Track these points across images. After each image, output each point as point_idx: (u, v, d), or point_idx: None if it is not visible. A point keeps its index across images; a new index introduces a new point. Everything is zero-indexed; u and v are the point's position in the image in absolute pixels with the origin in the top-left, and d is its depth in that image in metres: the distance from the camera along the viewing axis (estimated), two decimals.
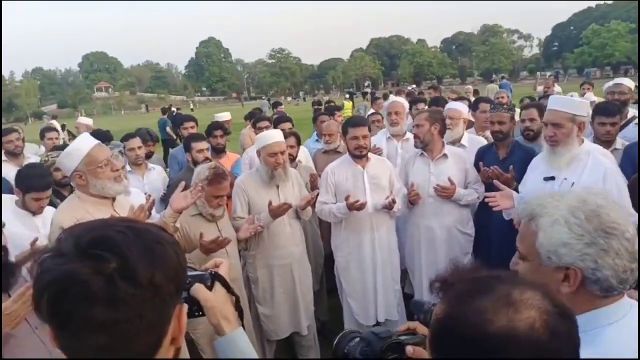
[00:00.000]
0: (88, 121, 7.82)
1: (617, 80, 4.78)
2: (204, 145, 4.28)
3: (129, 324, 0.75)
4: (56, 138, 6.12)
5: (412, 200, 3.66)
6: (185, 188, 2.85)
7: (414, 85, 45.52)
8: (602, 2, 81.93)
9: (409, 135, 4.43)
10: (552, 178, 2.83)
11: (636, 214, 2.68)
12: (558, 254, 1.14)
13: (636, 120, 4.03)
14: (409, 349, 1.13)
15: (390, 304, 3.72)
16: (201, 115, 9.82)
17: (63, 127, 13.39)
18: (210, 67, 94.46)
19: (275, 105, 12.27)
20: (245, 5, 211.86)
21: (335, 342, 1.24)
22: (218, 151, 4.81)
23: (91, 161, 2.50)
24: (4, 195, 3.13)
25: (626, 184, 2.73)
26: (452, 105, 4.61)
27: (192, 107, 51.48)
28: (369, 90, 36.10)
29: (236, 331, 1.15)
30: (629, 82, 4.65)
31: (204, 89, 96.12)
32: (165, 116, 14.74)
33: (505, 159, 3.60)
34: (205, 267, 1.18)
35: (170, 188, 3.90)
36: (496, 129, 3.70)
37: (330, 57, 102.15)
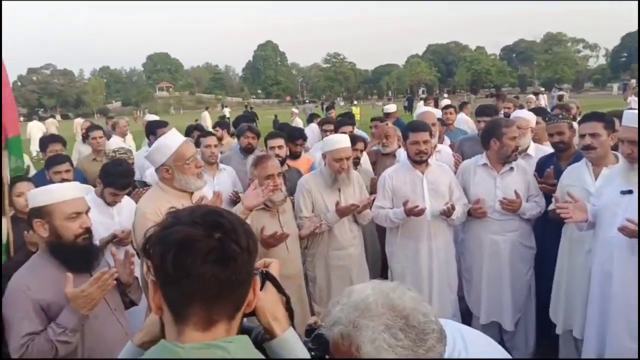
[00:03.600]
0: (155, 118, 8.15)
1: None
2: (278, 142, 4.39)
3: (235, 277, 0.94)
4: (100, 137, 5.73)
5: (478, 216, 3.59)
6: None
7: (471, 95, 44.45)
8: None
9: (440, 147, 4.43)
10: (630, 192, 2.72)
11: None
12: None
13: None
14: None
15: (446, 314, 3.66)
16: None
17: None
18: (267, 70, 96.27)
19: (328, 108, 12.31)
20: (303, 9, 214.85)
21: None
22: (294, 157, 4.85)
23: (179, 157, 2.64)
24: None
25: None
26: (519, 113, 4.47)
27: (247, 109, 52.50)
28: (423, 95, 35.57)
29: (287, 332, 1.16)
30: None
31: (260, 91, 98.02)
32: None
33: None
34: (256, 267, 1.20)
35: None
36: (557, 140, 3.65)
37: (385, 63, 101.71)
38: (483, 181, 3.66)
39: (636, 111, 2.86)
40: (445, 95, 41.05)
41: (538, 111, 5.08)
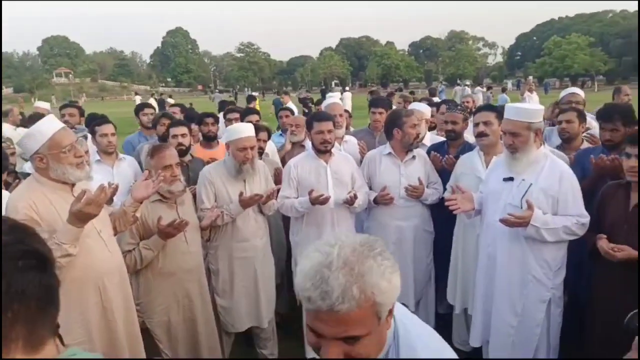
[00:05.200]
0: (45, 105, 7.53)
1: (571, 89, 5.03)
2: (181, 130, 4.16)
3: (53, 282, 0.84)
4: None
5: (386, 202, 3.70)
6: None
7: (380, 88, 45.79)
8: (564, 15, 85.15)
9: (348, 138, 4.55)
10: (511, 179, 2.93)
11: (588, 216, 2.80)
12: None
13: (590, 130, 4.18)
14: None
15: None
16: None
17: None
18: (177, 58, 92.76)
19: (250, 100, 12.06)
20: None
21: (625, 321, 1.42)
22: (209, 139, 4.69)
23: (54, 145, 2.41)
24: None
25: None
26: (415, 105, 4.73)
27: (155, 97, 50.21)
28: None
29: None
30: (581, 93, 4.87)
31: (169, 79, 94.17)
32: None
33: (456, 158, 3.72)
34: None
35: None
36: (449, 128, 3.88)
37: (300, 55, 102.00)
38: (388, 169, 3.78)
39: (517, 105, 3.09)
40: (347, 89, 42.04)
41: (447, 102, 5.33)
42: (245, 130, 3.50)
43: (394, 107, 5.54)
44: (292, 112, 6.37)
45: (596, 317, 2.81)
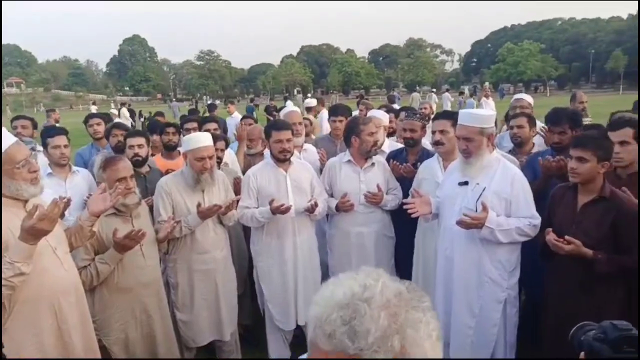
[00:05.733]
0: None
1: (517, 96, 5.31)
2: (138, 141, 4.07)
3: None
4: None
5: (346, 209, 3.72)
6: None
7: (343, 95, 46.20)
8: (516, 23, 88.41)
9: (307, 146, 4.57)
10: (466, 183, 3.01)
11: (539, 217, 2.90)
12: None
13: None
14: None
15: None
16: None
17: None
18: (134, 66, 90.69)
19: (211, 108, 11.87)
20: (173, 4, 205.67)
21: (571, 334, 1.30)
22: (170, 149, 4.59)
23: (8, 160, 2.30)
24: None
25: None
26: (373, 113, 4.79)
27: (113, 107, 49.01)
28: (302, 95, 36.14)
29: None
30: (529, 98, 5.14)
31: (127, 88, 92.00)
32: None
33: (414, 165, 3.80)
34: None
35: None
36: (408, 136, 3.93)
37: (261, 62, 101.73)
38: (348, 177, 3.81)
39: (470, 110, 3.19)
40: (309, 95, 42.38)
41: (406, 109, 5.43)
42: (202, 139, 3.45)
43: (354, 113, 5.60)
44: (255, 121, 6.37)
45: (549, 312, 2.91)
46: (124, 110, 22.76)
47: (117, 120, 7.91)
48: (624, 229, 2.63)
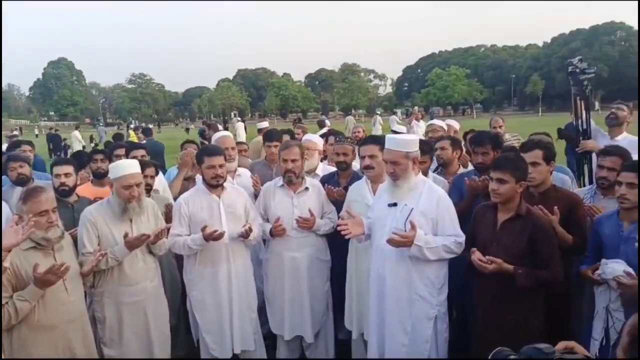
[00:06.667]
0: None
1: (430, 122, 6.09)
2: (65, 169, 3.89)
3: None
4: None
5: (278, 234, 3.71)
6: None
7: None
8: (443, 49, 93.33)
9: (241, 171, 4.55)
10: (395, 204, 3.11)
11: (463, 235, 3.05)
12: None
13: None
14: None
15: (247, 334, 3.69)
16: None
17: None
18: (60, 90, 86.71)
19: (147, 132, 11.53)
20: (100, 25, 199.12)
21: (490, 357, 1.25)
22: (99, 176, 4.41)
23: None
24: None
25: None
26: (308, 137, 4.86)
27: (37, 132, 46.41)
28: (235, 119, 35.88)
29: None
30: (441, 123, 5.94)
31: (52, 113, 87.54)
32: None
33: (346, 188, 3.86)
34: None
35: None
36: (341, 160, 4.02)
37: (196, 85, 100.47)
38: (281, 201, 3.81)
39: (395, 136, 3.32)
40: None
41: (334, 133, 5.57)
42: (129, 166, 3.35)
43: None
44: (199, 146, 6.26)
45: (477, 328, 3.04)
46: (76, 133, 22.05)
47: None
48: (540, 244, 2.83)
